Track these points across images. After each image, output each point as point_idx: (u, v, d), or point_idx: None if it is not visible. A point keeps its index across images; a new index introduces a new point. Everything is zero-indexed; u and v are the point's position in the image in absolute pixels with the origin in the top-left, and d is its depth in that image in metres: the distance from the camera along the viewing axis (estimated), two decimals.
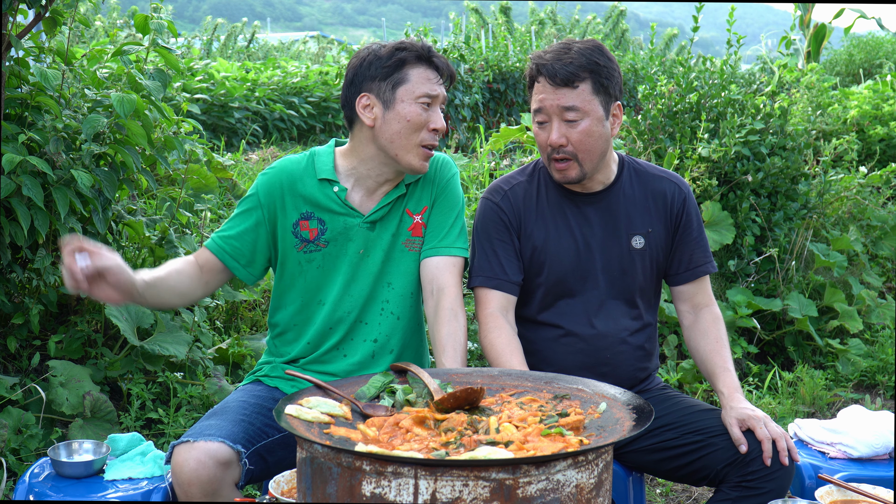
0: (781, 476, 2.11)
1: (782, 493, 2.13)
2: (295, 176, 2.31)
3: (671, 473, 2.32)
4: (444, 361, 2.20)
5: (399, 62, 2.22)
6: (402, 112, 2.21)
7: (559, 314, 2.39)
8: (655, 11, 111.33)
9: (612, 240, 2.38)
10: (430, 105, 2.24)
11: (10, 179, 2.82)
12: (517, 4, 18.35)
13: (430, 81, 2.24)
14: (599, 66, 2.26)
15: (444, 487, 1.43)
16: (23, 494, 2.24)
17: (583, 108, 2.25)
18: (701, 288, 2.46)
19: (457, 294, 2.29)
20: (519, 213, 2.40)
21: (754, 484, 2.12)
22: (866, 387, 4.45)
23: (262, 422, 2.16)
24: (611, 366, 2.38)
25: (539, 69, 2.29)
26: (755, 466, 2.12)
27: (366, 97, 2.25)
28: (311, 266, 2.31)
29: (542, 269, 2.39)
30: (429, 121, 2.23)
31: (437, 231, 2.34)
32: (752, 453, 2.13)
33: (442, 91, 2.27)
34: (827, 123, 6.30)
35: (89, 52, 3.52)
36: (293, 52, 18.73)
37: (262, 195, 2.31)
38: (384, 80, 2.23)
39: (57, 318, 3.44)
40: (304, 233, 2.30)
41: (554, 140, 2.28)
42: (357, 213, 2.30)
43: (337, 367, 2.31)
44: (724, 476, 2.18)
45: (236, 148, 8.39)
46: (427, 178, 2.37)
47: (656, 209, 2.41)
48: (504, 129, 5.51)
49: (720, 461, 2.18)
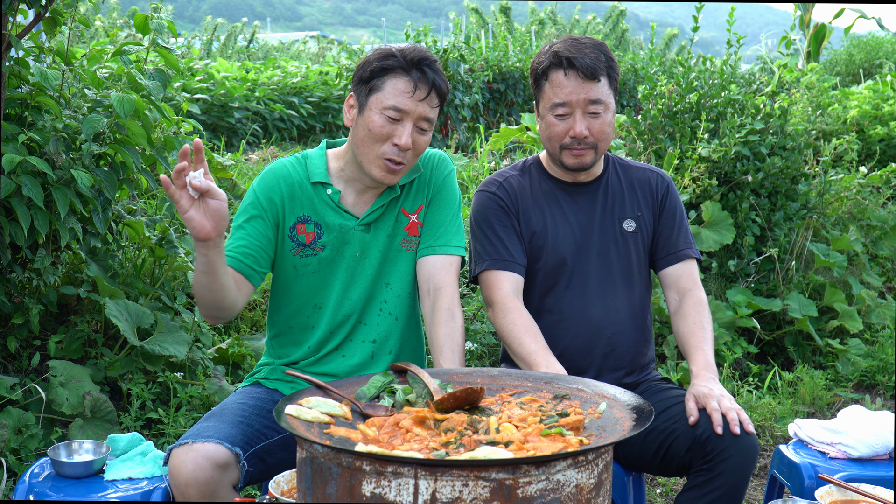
0: (736, 454, 2.10)
1: (741, 475, 2.11)
2: (291, 179, 2.28)
3: (650, 465, 2.34)
4: (442, 362, 2.18)
5: (381, 69, 2.17)
6: (367, 120, 2.17)
7: (558, 299, 2.44)
8: (655, 11, 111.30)
9: (605, 224, 2.46)
10: (398, 119, 2.16)
11: (10, 179, 2.82)
12: (517, 4, 18.36)
13: (404, 95, 2.15)
14: (612, 63, 2.39)
15: (444, 487, 1.43)
16: (23, 494, 2.24)
17: (605, 100, 2.36)
18: (685, 272, 2.49)
19: (454, 294, 2.27)
20: (516, 200, 2.46)
21: (712, 466, 2.12)
22: (866, 387, 4.45)
23: (261, 423, 2.15)
24: (612, 346, 2.41)
25: (571, 62, 2.33)
26: (710, 446, 2.12)
27: (352, 97, 2.24)
28: (306, 270, 2.28)
29: (542, 253, 2.44)
30: (392, 135, 2.16)
31: (434, 229, 2.32)
32: (705, 432, 2.13)
33: (418, 108, 2.16)
34: (827, 123, 6.30)
35: (89, 52, 3.52)
36: (293, 52, 18.73)
37: (264, 200, 2.26)
38: (364, 83, 2.20)
39: (57, 318, 3.44)
40: (301, 237, 2.27)
41: (578, 132, 2.36)
42: (351, 216, 2.28)
43: (336, 368, 2.30)
44: (689, 462, 2.19)
45: (236, 148, 8.39)
46: (423, 176, 2.34)
47: (643, 195, 2.51)
48: (504, 129, 5.51)
49: (682, 446, 2.19)
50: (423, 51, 2.20)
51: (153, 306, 3.46)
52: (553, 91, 2.37)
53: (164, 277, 3.59)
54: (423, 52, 2.20)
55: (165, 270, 3.61)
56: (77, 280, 3.39)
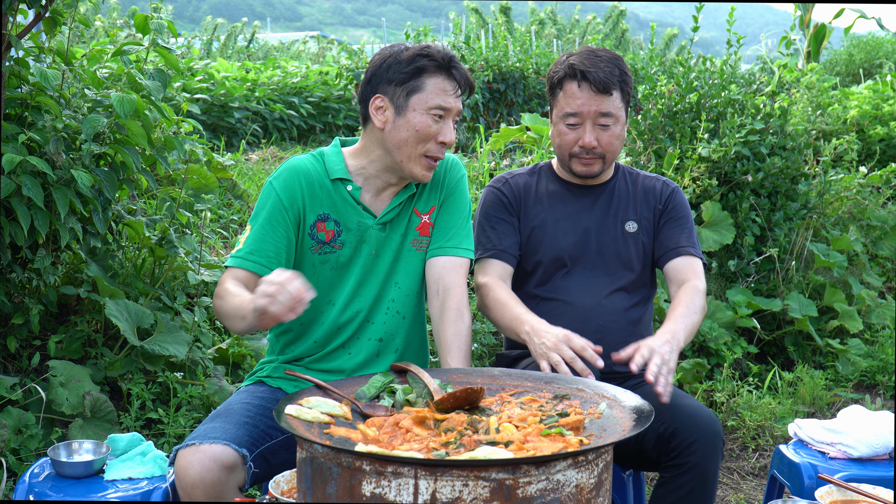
0: (701, 446, 2.10)
1: (709, 464, 2.10)
2: (312, 176, 2.27)
3: (633, 462, 2.35)
4: (450, 361, 2.21)
5: (417, 70, 2.20)
6: (413, 121, 2.20)
7: (554, 289, 2.50)
8: (655, 11, 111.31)
9: (607, 223, 2.53)
10: (441, 117, 2.21)
11: (10, 179, 2.82)
12: (517, 4, 18.37)
13: (446, 93, 2.21)
14: (626, 77, 2.47)
15: (444, 487, 1.43)
16: (23, 494, 2.24)
17: (616, 114, 2.45)
18: (687, 265, 2.50)
19: (463, 294, 2.29)
20: (519, 198, 2.57)
21: (679, 460, 2.13)
22: (866, 387, 4.45)
23: (265, 424, 2.15)
24: (601, 334, 2.39)
25: (584, 75, 2.41)
26: (675, 441, 2.14)
27: (380, 98, 2.23)
28: (324, 267, 2.29)
29: (540, 246, 2.52)
30: (438, 133, 2.21)
31: (445, 231, 2.35)
32: (668, 428, 2.14)
33: (457, 104, 2.23)
34: (827, 123, 6.30)
35: (89, 52, 3.52)
36: (293, 52, 18.73)
37: (285, 199, 2.24)
38: (400, 85, 2.20)
39: (57, 318, 3.44)
40: (321, 234, 2.27)
41: (587, 142, 2.45)
42: (370, 215, 2.30)
43: (342, 364, 2.31)
44: (657, 458, 2.20)
45: (236, 148, 8.39)
46: (436, 178, 2.37)
47: (647, 199, 2.58)
48: (504, 129, 5.52)
49: (649, 442, 2.21)
50: (448, 49, 2.27)
51: (153, 306, 3.45)
52: (566, 101, 2.46)
53: (164, 277, 3.59)
54: (449, 50, 2.26)
55: (165, 270, 3.61)
56: (77, 280, 3.39)
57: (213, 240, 4.43)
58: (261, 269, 2.18)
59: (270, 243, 2.22)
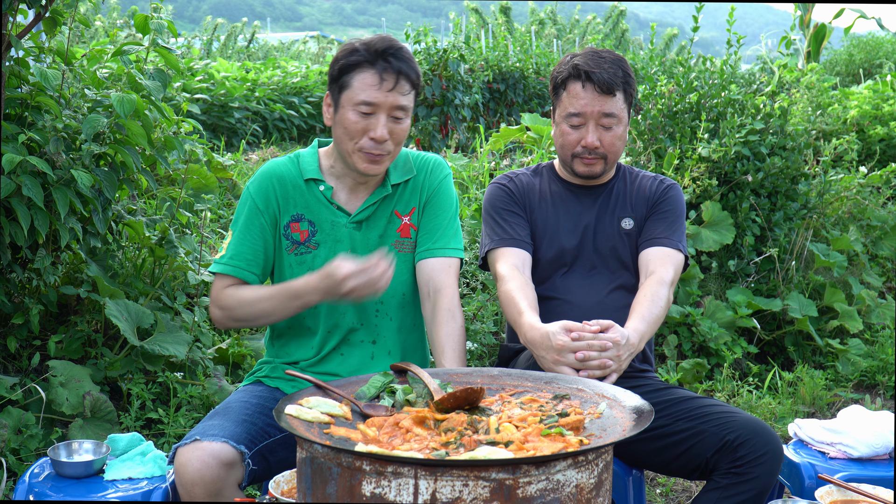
0: (769, 460, 2.13)
1: (771, 478, 2.13)
2: (285, 178, 2.31)
3: (666, 465, 2.33)
4: (444, 362, 2.20)
5: (347, 66, 2.18)
6: (342, 118, 2.20)
7: (555, 288, 2.52)
8: (655, 11, 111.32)
9: (605, 222, 2.56)
10: (371, 113, 2.17)
11: (10, 179, 2.82)
12: (517, 4, 18.37)
13: (373, 88, 2.16)
14: (630, 78, 2.48)
15: (444, 487, 1.42)
16: (23, 494, 2.24)
17: (618, 115, 2.47)
18: (657, 256, 2.47)
19: (454, 294, 2.29)
20: (524, 194, 2.59)
21: (743, 469, 2.13)
22: (866, 387, 4.45)
23: (264, 422, 2.16)
24: None
25: (589, 76, 2.42)
26: (743, 451, 2.14)
27: (328, 96, 2.26)
28: (302, 269, 2.29)
29: (541, 244, 2.54)
30: (367, 129, 2.18)
31: (432, 233, 2.34)
32: (738, 437, 2.15)
33: (388, 98, 2.16)
34: (827, 123, 6.30)
35: (89, 52, 3.52)
36: (293, 52, 18.74)
37: (260, 202, 2.29)
38: (334, 82, 2.22)
39: (57, 318, 3.44)
40: (295, 235, 2.29)
41: (590, 142, 2.46)
42: (344, 213, 2.30)
43: (337, 368, 2.31)
44: (714, 465, 2.20)
45: (236, 148, 8.39)
46: (416, 179, 2.36)
47: (642, 196, 2.59)
48: (504, 129, 5.52)
49: (709, 448, 2.20)
50: (388, 40, 2.20)
51: (153, 306, 3.46)
52: (569, 101, 2.47)
53: (164, 277, 3.59)
54: (387, 41, 2.19)
55: (165, 270, 3.61)
56: (77, 280, 3.39)
57: (213, 240, 4.43)
58: (241, 273, 2.26)
59: (248, 247, 2.28)
